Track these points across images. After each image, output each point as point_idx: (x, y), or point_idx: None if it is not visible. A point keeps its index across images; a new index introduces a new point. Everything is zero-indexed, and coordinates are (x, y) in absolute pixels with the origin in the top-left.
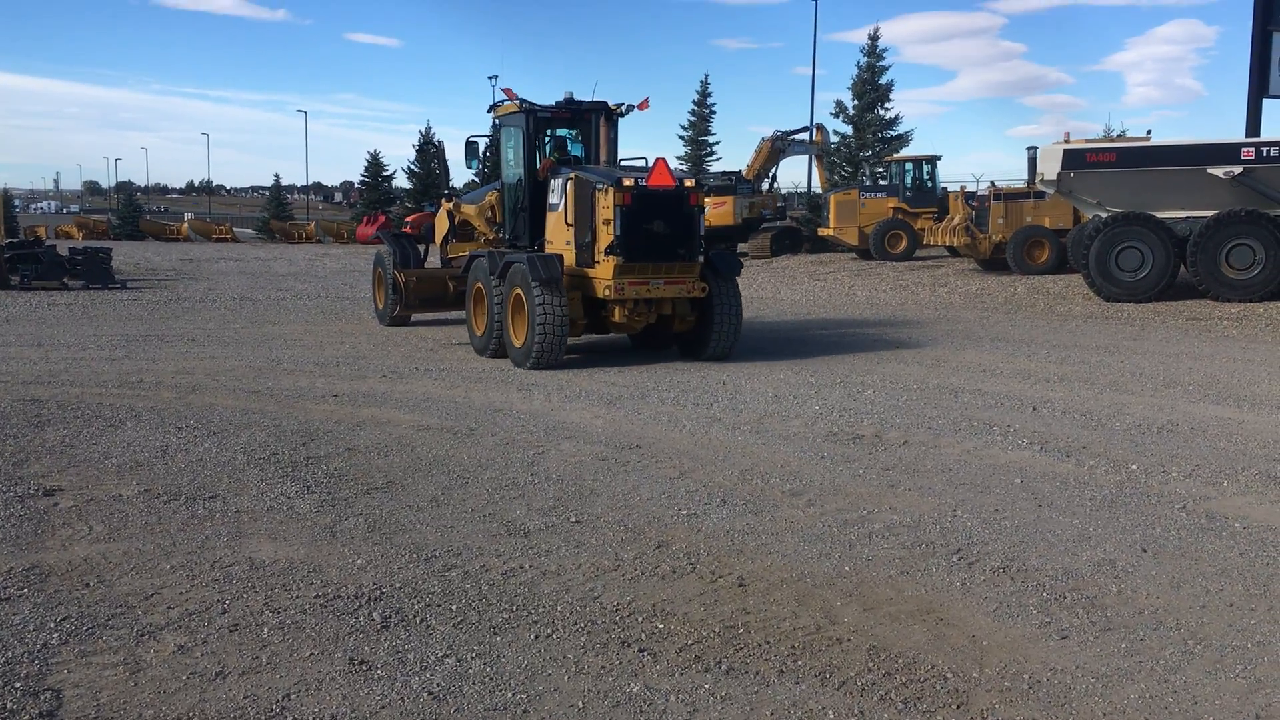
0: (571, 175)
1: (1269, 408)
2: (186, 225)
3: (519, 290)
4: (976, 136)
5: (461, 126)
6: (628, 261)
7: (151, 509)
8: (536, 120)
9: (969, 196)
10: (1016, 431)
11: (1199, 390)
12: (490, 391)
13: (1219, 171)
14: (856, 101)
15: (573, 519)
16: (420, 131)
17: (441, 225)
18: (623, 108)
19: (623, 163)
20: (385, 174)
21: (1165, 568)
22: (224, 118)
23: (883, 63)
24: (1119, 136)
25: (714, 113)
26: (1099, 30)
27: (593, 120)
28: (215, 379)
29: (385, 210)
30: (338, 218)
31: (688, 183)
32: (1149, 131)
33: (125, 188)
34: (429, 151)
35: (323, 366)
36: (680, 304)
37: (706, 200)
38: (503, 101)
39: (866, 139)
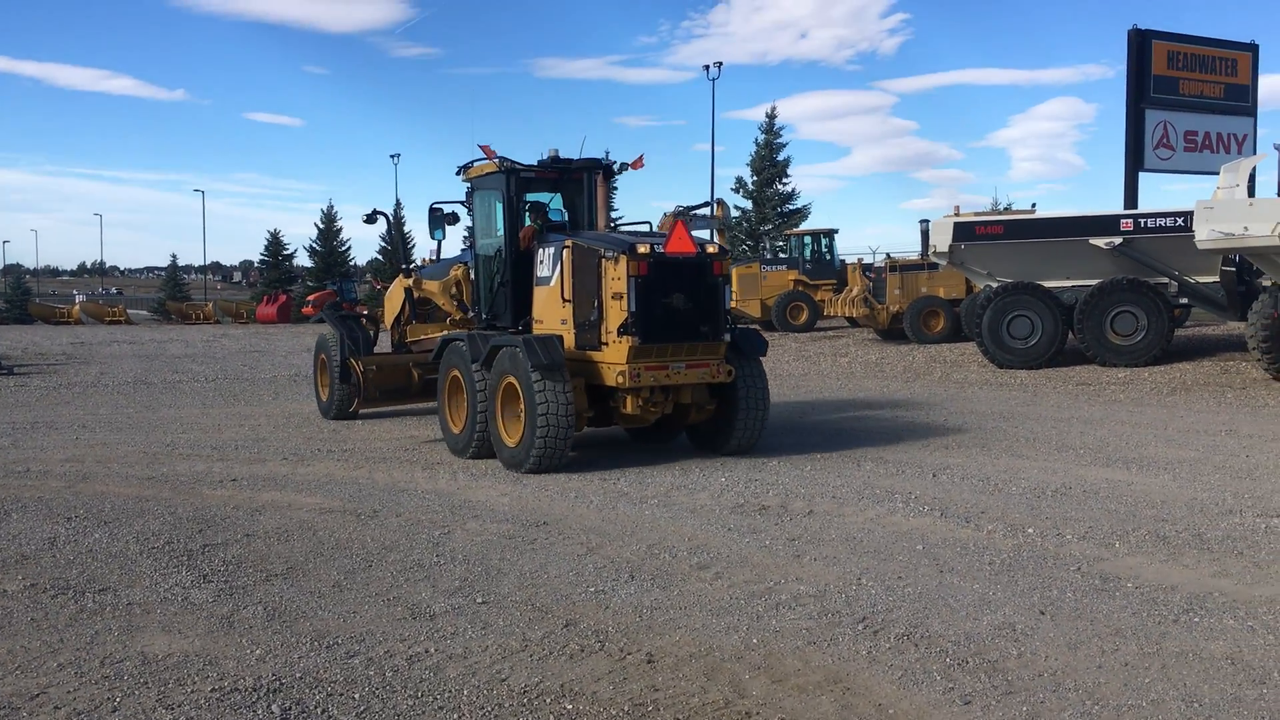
0: (568, 243)
1: (1156, 469)
2: (78, 307)
3: (511, 379)
4: (872, 210)
5: (364, 203)
6: (645, 343)
7: (37, 604)
8: (519, 181)
9: (866, 268)
10: (917, 498)
11: (1090, 454)
12: (394, 471)
13: (1101, 242)
14: (755, 177)
15: (479, 599)
16: (322, 210)
17: (394, 304)
18: (616, 165)
19: (621, 226)
20: (286, 253)
21: (1063, 629)
22: (119, 198)
23: (780, 139)
24: (1006, 210)
25: (616, 188)
26: (985, 108)
27: (584, 180)
28: (107, 466)
29: (286, 289)
30: (237, 297)
31: (710, 249)
32: (1034, 204)
33: (13, 270)
34: (380, 221)
35: (220, 450)
36: (699, 391)
37: None
38: (477, 161)
39: (766, 213)
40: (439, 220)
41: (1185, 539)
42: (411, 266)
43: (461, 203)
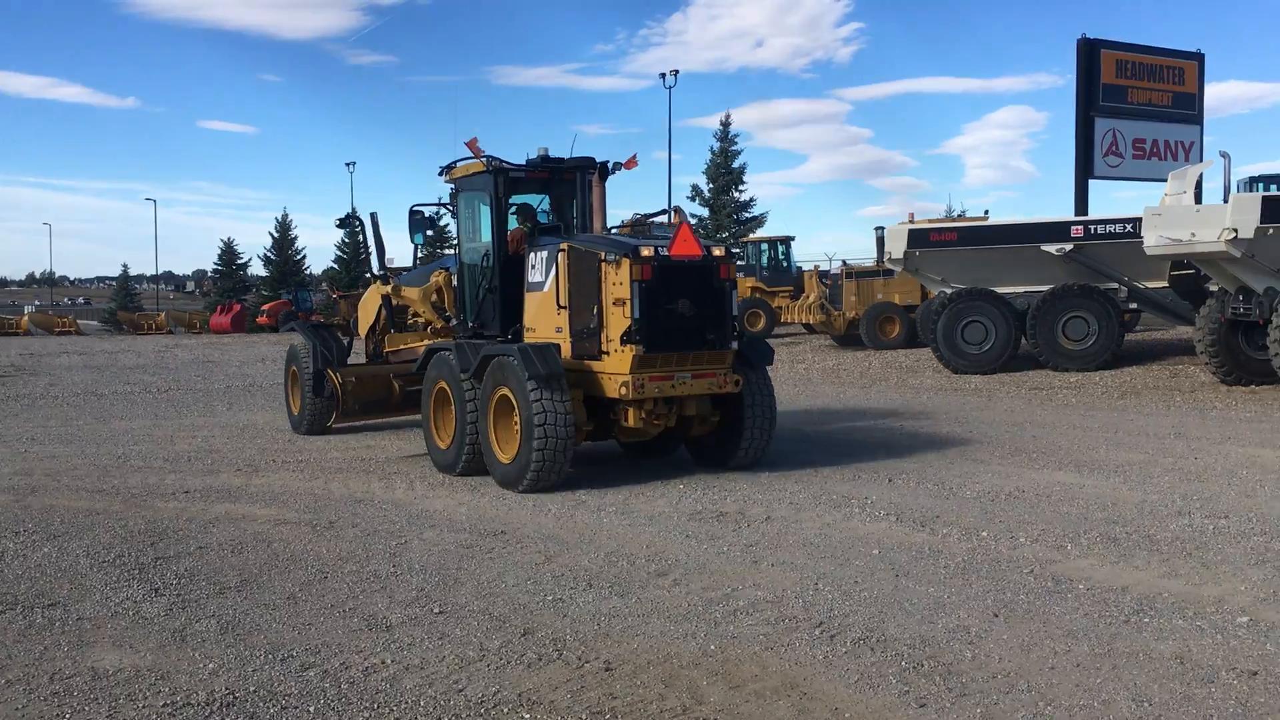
0: (563, 246)
1: (1107, 472)
2: (26, 318)
3: (506, 391)
4: (828, 217)
5: (320, 212)
6: (649, 352)
7: None
8: (508, 182)
9: (823, 275)
10: (874, 503)
11: (1043, 457)
12: (351, 482)
13: (1052, 248)
14: (711, 184)
15: (436, 610)
16: (277, 219)
17: (369, 312)
18: (609, 165)
19: (612, 230)
20: (240, 262)
21: (1016, 631)
22: (69, 207)
23: (735, 147)
24: (959, 216)
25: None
26: (938, 116)
27: (577, 180)
28: (56, 479)
29: (240, 299)
30: (190, 307)
31: (716, 251)
32: (986, 211)
33: None
34: (355, 225)
35: (173, 462)
36: (702, 402)
37: None
38: (462, 160)
39: (723, 220)
40: (420, 224)
41: (1135, 541)
42: (386, 272)
43: (443, 205)
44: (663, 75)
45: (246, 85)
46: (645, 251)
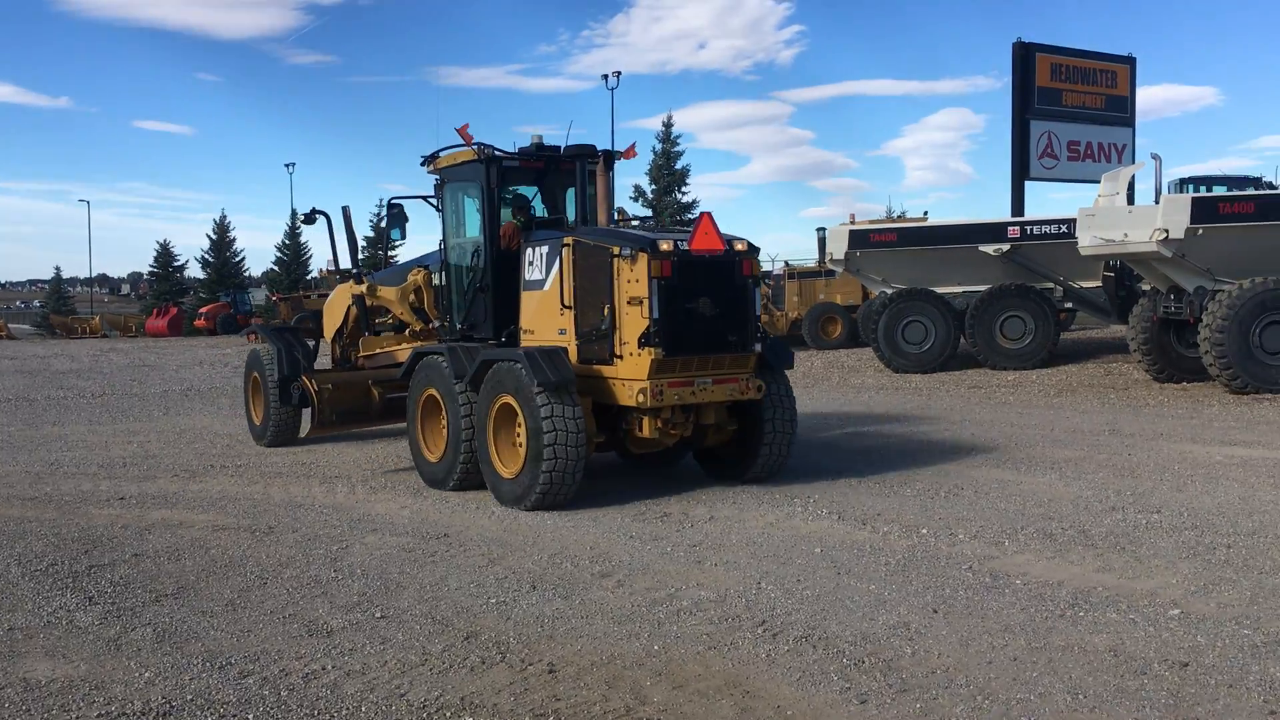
0: (567, 240)
1: (1043, 469)
2: None
3: (509, 399)
4: (771, 218)
5: (259, 215)
6: (670, 355)
7: None
8: (500, 171)
9: (765, 276)
10: (816, 502)
11: (981, 454)
12: (291, 486)
13: (989, 249)
14: (654, 186)
15: (378, 614)
16: (214, 220)
17: (337, 313)
18: (613, 153)
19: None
20: (177, 264)
21: (955, 627)
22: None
23: (677, 148)
24: (899, 217)
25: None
26: (879, 118)
27: (577, 170)
28: None
29: (177, 302)
30: (125, 310)
31: (739, 245)
32: (925, 212)
33: None
34: (320, 221)
35: (108, 468)
36: (719, 410)
37: None
38: (447, 149)
39: (665, 222)
40: (398, 218)
41: (1071, 536)
42: (359, 271)
43: (425, 198)
44: (605, 76)
45: (183, 85)
46: (664, 245)
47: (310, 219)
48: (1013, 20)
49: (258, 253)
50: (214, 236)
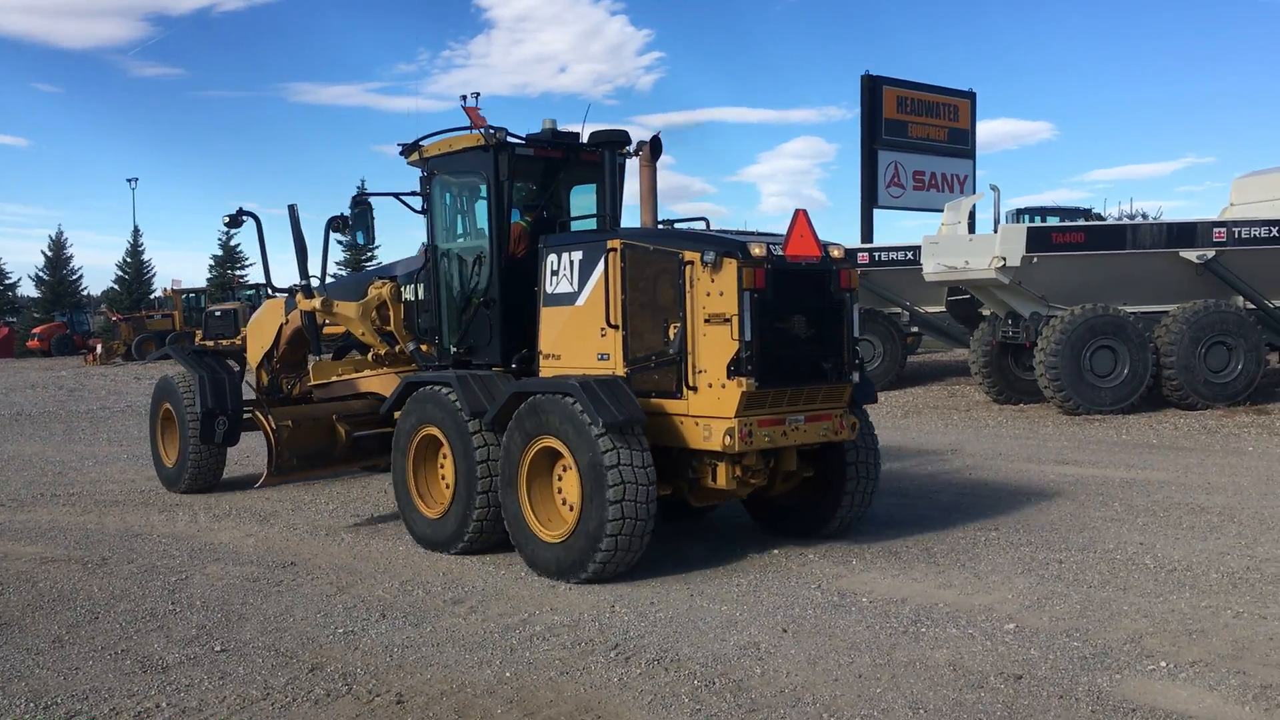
0: (614, 244)
1: (890, 491)
2: None
3: (554, 443)
4: None
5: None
6: (763, 386)
7: None
8: (512, 161)
9: None
10: (671, 523)
11: None
12: (128, 515)
13: None
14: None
15: (218, 648)
16: (50, 236)
17: (265, 334)
18: (634, 146)
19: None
20: (9, 282)
21: (803, 646)
22: None
23: None
24: None
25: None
26: (735, 145)
27: (605, 161)
28: None
29: (9, 321)
30: None
31: (835, 252)
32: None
33: None
34: (247, 223)
35: None
36: (793, 453)
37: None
38: (436, 135)
39: None
40: (362, 216)
41: (914, 553)
42: (311, 284)
43: (398, 196)
44: (463, 97)
45: (19, 95)
46: (756, 250)
47: (236, 221)
48: (864, 52)
49: (97, 270)
50: (49, 253)
